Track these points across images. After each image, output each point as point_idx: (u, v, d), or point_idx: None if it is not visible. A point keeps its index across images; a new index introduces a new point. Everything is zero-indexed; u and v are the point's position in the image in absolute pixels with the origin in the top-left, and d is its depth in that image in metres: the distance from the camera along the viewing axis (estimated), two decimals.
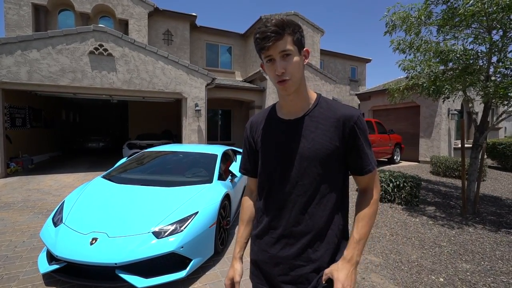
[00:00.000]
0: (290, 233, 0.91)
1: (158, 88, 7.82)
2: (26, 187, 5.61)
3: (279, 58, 0.82)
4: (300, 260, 0.90)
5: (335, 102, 0.95)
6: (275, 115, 0.99)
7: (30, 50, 6.45)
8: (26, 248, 2.89)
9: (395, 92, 5.37)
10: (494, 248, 3.17)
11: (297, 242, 0.90)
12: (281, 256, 0.92)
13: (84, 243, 2.14)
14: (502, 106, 4.12)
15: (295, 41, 0.84)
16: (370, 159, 0.90)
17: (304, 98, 0.93)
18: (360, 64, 16.02)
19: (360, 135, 0.88)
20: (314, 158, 0.87)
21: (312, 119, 0.91)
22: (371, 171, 0.90)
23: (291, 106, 0.94)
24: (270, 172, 0.96)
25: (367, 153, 0.90)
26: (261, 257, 0.97)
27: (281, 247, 0.92)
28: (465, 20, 3.71)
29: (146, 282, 2.08)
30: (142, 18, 10.07)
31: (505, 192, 6.06)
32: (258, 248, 1.00)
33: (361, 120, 0.89)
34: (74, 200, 2.76)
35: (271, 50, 0.82)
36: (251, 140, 1.05)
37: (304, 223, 0.90)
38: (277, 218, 0.93)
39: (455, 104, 9.60)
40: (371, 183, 0.93)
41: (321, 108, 0.92)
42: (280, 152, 0.93)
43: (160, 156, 4.25)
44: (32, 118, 8.76)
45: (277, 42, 0.81)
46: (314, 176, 0.88)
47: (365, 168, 0.90)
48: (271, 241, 0.95)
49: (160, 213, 2.49)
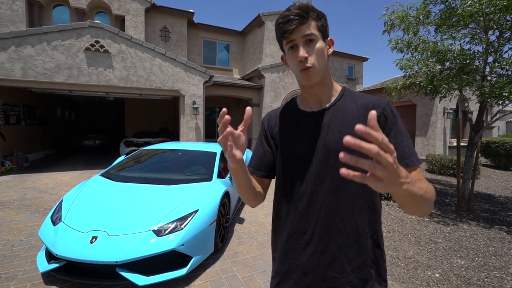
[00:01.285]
0: (320, 238, 0.80)
1: (156, 86, 7.76)
2: (21, 185, 5.55)
3: (302, 43, 0.76)
4: (333, 270, 0.78)
5: (361, 93, 0.87)
6: (296, 108, 0.91)
7: (24, 46, 6.34)
8: (24, 247, 2.87)
9: (392, 91, 5.42)
10: (487, 244, 3.24)
11: (327, 249, 0.79)
12: (311, 264, 0.80)
13: (84, 241, 2.14)
14: (497, 105, 4.18)
15: (320, 27, 0.77)
16: (408, 152, 0.73)
17: (328, 89, 0.85)
18: (357, 62, 16.06)
19: (392, 122, 0.76)
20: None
21: (338, 109, 0.82)
22: (408, 165, 0.71)
23: (315, 98, 0.86)
24: (293, 169, 0.85)
25: (403, 144, 0.74)
26: (288, 265, 0.85)
27: (310, 254, 0.81)
28: (463, 20, 3.74)
29: (147, 280, 2.09)
30: (138, 14, 9.95)
31: (498, 189, 6.17)
32: (283, 255, 0.87)
33: (391, 107, 0.78)
34: (72, 199, 2.75)
35: (294, 34, 0.75)
36: (268, 135, 0.95)
37: (335, 226, 0.78)
38: (303, 221, 0.82)
39: (451, 103, 9.70)
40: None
41: (346, 99, 0.84)
42: (303, 147, 0.83)
43: (159, 154, 4.24)
44: (27, 115, 8.63)
45: (301, 25, 0.75)
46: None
47: (402, 161, 0.71)
48: (299, 247, 0.83)
49: (160, 211, 2.49)
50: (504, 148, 8.87)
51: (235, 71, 12.88)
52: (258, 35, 11.64)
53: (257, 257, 2.81)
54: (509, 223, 3.94)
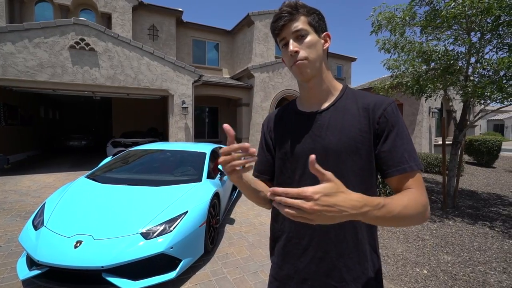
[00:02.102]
0: (318, 244, 0.77)
1: (144, 85, 7.61)
2: (1, 188, 5.31)
3: (293, 38, 0.76)
4: (332, 279, 0.76)
5: (363, 92, 0.83)
6: (295, 109, 0.89)
7: (4, 43, 6.08)
8: (3, 253, 2.74)
9: (380, 91, 5.51)
10: (472, 239, 3.34)
11: (326, 256, 0.76)
12: (310, 271, 0.78)
13: (68, 246, 2.05)
14: (479, 105, 4.32)
15: (311, 22, 0.77)
16: (407, 156, 0.70)
17: (327, 87, 0.83)
18: (345, 62, 16.31)
19: (393, 124, 0.73)
20: (342, 152, 0.74)
21: (338, 109, 0.79)
22: (406, 171, 0.70)
23: (314, 97, 0.84)
24: (291, 171, 0.83)
25: (402, 147, 0.71)
26: (286, 271, 0.83)
27: (309, 260, 0.78)
28: (447, 21, 3.84)
29: (135, 284, 2.03)
30: (126, 12, 9.73)
31: (481, 186, 6.39)
32: (281, 260, 0.85)
33: (393, 108, 0.75)
34: (56, 202, 2.64)
35: (284, 31, 0.76)
36: (267, 137, 0.94)
37: (333, 232, 0.76)
38: (301, 225, 0.77)
39: (436, 102, 9.99)
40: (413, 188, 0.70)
41: (347, 98, 0.81)
42: (302, 148, 0.81)
43: (147, 154, 4.15)
44: (8, 115, 8.28)
45: (290, 22, 0.75)
46: (343, 174, 0.72)
47: (398, 166, 0.70)
48: (297, 252, 0.81)
49: (148, 214, 2.43)
50: (485, 146, 9.21)
51: (224, 70, 12.81)
52: (248, 35, 11.62)
53: (248, 258, 2.78)
54: (492, 219, 4.08)
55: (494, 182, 6.88)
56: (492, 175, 7.86)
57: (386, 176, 0.74)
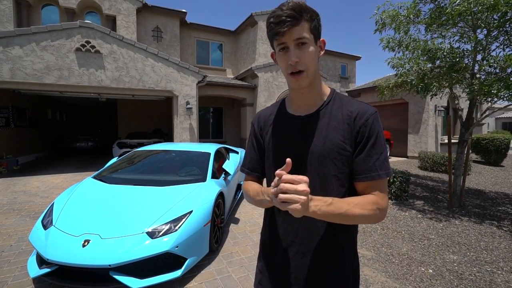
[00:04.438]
0: (302, 241, 0.83)
1: (148, 86, 7.68)
2: (11, 189, 5.43)
3: (294, 46, 0.74)
4: (315, 272, 0.83)
5: (350, 98, 0.87)
6: (284, 111, 0.91)
7: (12, 47, 6.20)
8: (14, 252, 2.81)
9: (384, 89, 5.47)
10: (478, 239, 3.30)
11: (309, 252, 0.82)
12: (293, 264, 0.84)
13: (76, 245, 2.10)
14: (486, 102, 4.26)
15: (312, 29, 0.75)
16: (378, 165, 0.76)
17: (317, 93, 0.85)
18: (350, 61, 16.20)
19: (371, 134, 0.77)
20: (326, 157, 0.79)
21: (325, 115, 0.82)
22: (373, 178, 0.76)
23: (303, 101, 0.86)
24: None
25: (375, 156, 0.77)
26: (270, 264, 0.90)
27: (293, 255, 0.84)
28: (452, 19, 3.80)
29: (141, 282, 2.06)
30: (130, 14, 9.83)
31: (488, 185, 6.30)
32: (266, 254, 0.91)
33: (373, 119, 0.79)
34: (64, 202, 2.70)
35: (286, 36, 0.73)
36: (258, 136, 0.96)
37: (316, 230, 0.82)
38: (287, 223, 0.85)
39: (442, 101, 9.86)
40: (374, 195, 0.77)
41: (334, 104, 0.84)
42: (289, 151, 0.84)
43: (152, 155, 4.19)
44: (16, 117, 8.45)
45: (293, 28, 0.72)
46: (325, 177, 0.79)
47: (368, 173, 0.76)
48: (282, 246, 0.87)
49: (153, 213, 2.47)
50: (493, 145, 9.06)
51: (228, 71, 12.85)
52: (251, 35, 11.63)
53: (253, 257, 2.80)
54: (499, 218, 4.03)
55: (502, 181, 6.78)
56: (500, 174, 7.73)
57: (355, 180, 0.80)
